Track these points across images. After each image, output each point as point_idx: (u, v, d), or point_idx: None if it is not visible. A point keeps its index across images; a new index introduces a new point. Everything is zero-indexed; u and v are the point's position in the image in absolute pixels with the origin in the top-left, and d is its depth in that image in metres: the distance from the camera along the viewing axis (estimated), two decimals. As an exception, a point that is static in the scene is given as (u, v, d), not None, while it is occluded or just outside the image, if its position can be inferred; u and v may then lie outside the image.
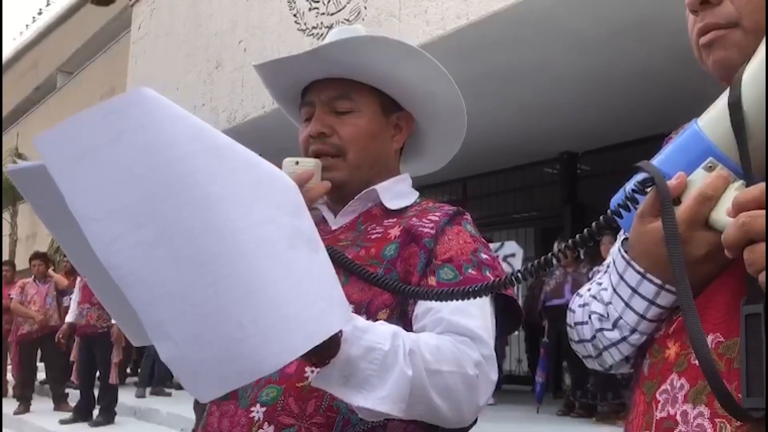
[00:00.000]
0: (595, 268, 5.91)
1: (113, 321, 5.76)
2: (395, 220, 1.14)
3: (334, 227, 1.19)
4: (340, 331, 0.82)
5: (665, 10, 4.37)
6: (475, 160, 7.82)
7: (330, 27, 6.61)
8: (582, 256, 6.68)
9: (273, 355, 0.64)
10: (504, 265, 6.71)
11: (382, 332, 0.90)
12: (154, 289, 0.61)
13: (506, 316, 1.13)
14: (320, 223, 1.19)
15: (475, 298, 0.78)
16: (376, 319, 0.99)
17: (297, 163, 1.10)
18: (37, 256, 8.73)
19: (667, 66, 5.26)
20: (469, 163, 7.96)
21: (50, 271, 8.67)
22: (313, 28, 6.83)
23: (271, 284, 0.65)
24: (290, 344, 0.65)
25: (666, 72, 5.51)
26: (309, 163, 1.10)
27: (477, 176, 9.23)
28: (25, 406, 8.15)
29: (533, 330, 7.65)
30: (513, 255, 7.03)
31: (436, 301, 0.85)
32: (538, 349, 7.40)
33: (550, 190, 8.86)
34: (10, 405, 8.36)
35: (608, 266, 0.91)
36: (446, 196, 9.97)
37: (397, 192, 1.20)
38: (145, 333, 0.78)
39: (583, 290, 0.93)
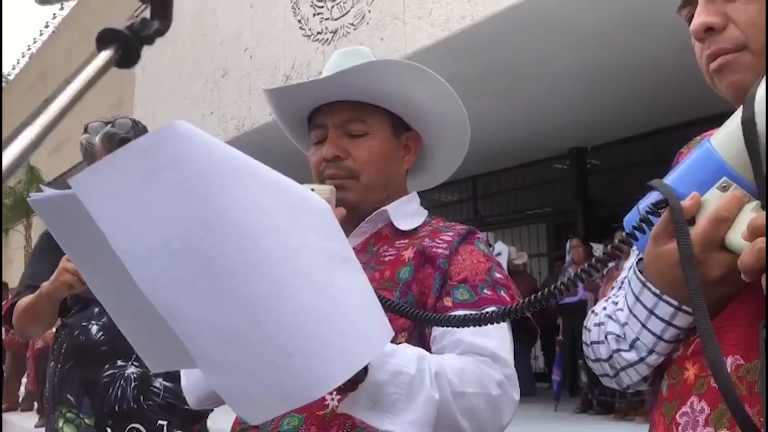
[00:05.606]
0: (610, 265, 5.88)
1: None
2: (407, 241, 1.14)
3: None
4: None
5: (670, 2, 4.34)
6: (484, 159, 7.81)
7: (335, 32, 6.62)
8: (594, 253, 6.66)
9: (317, 382, 0.65)
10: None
11: (408, 356, 0.90)
12: (200, 323, 0.63)
13: (521, 330, 1.12)
14: None
15: (490, 324, 0.78)
16: (397, 343, 0.98)
17: (312, 190, 1.09)
18: None
19: (674, 58, 5.23)
20: (479, 162, 7.96)
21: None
22: (318, 33, 6.84)
23: (309, 314, 0.66)
24: (330, 371, 0.66)
25: (672, 64, 5.47)
26: (324, 191, 1.09)
27: (487, 174, 9.22)
28: (45, 419, 8.20)
29: (548, 328, 7.64)
30: (500, 254, 7.29)
31: (452, 327, 0.84)
32: (554, 346, 7.38)
33: (560, 185, 8.84)
34: (30, 419, 8.42)
35: (622, 283, 0.91)
36: (456, 194, 9.96)
37: (407, 212, 1.20)
38: (163, 360, 0.80)
39: (598, 308, 0.93)
